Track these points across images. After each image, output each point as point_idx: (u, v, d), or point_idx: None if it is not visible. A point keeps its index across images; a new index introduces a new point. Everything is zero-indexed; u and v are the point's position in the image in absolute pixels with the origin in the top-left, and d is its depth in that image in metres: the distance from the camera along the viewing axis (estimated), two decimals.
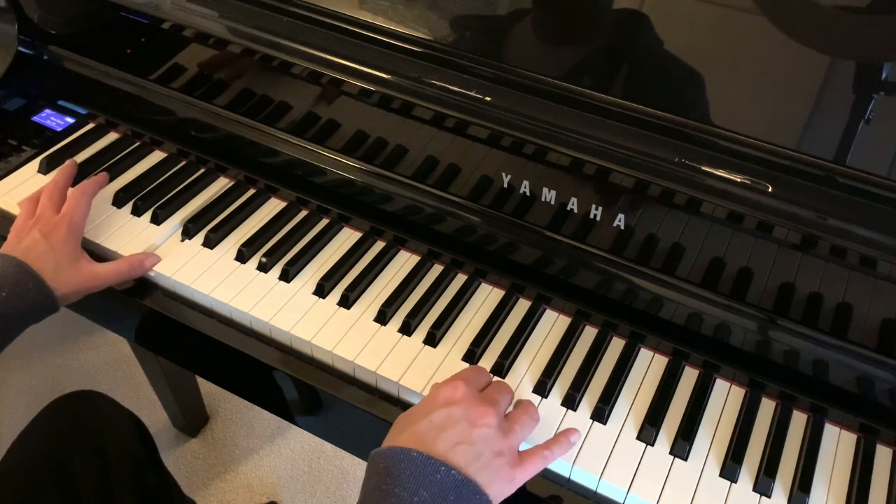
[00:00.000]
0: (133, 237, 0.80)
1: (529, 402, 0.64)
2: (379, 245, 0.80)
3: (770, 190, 0.61)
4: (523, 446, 0.62)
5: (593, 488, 0.63)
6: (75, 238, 0.75)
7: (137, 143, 0.92)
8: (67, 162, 0.84)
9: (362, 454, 0.81)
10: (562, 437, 0.62)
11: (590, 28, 0.67)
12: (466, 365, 0.70)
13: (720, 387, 0.70)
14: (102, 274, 0.74)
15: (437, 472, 0.52)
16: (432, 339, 0.71)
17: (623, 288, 0.72)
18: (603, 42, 0.67)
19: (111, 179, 0.86)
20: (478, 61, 0.70)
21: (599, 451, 0.64)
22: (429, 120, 0.73)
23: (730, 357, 0.70)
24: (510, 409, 0.63)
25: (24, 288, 0.67)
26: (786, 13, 0.60)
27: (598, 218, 0.69)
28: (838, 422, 0.67)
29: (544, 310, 0.75)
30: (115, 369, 1.63)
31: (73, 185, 0.83)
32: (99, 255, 0.80)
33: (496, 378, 0.66)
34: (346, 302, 0.74)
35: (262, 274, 0.77)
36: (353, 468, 1.47)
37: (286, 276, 0.76)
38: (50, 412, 0.86)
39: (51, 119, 0.94)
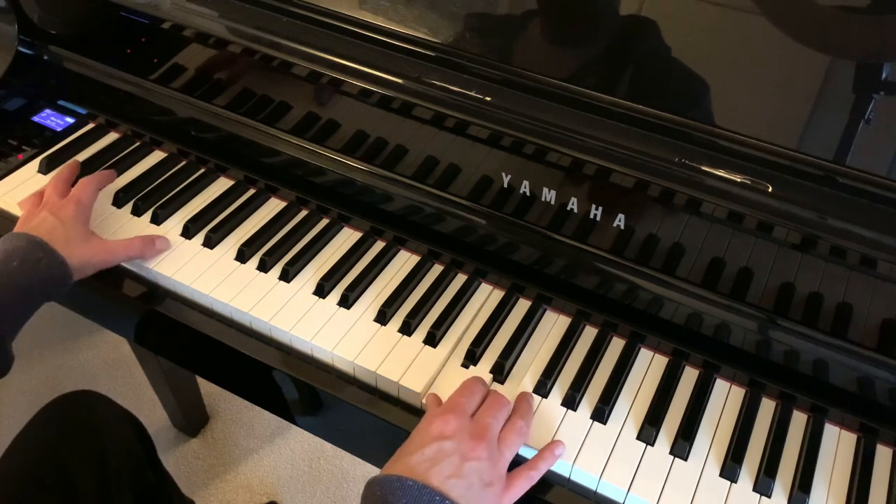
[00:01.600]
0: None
1: (519, 418, 0.63)
2: (379, 245, 0.80)
3: (770, 190, 0.61)
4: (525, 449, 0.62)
5: (593, 488, 0.63)
6: (84, 217, 0.75)
7: (137, 143, 0.92)
8: (71, 160, 0.85)
9: (362, 454, 0.81)
10: (546, 452, 0.63)
11: (590, 28, 0.67)
12: (467, 367, 0.70)
13: (720, 387, 0.70)
14: (114, 248, 0.74)
15: (431, 501, 0.54)
16: (432, 339, 0.71)
17: (623, 288, 0.72)
18: (603, 42, 0.67)
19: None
20: (478, 61, 0.70)
21: (599, 451, 0.64)
22: (429, 120, 0.73)
23: (730, 357, 0.70)
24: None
25: (35, 257, 0.67)
26: (786, 13, 0.60)
27: (598, 218, 0.69)
28: (838, 422, 0.67)
29: (544, 310, 0.75)
30: (115, 369, 1.63)
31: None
32: None
33: (492, 390, 0.65)
34: (346, 302, 0.74)
35: (262, 274, 0.77)
36: (353, 468, 1.47)
37: (286, 276, 0.76)
38: (48, 412, 0.86)
39: (51, 119, 0.94)
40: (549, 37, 0.69)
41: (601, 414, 0.67)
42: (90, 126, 0.94)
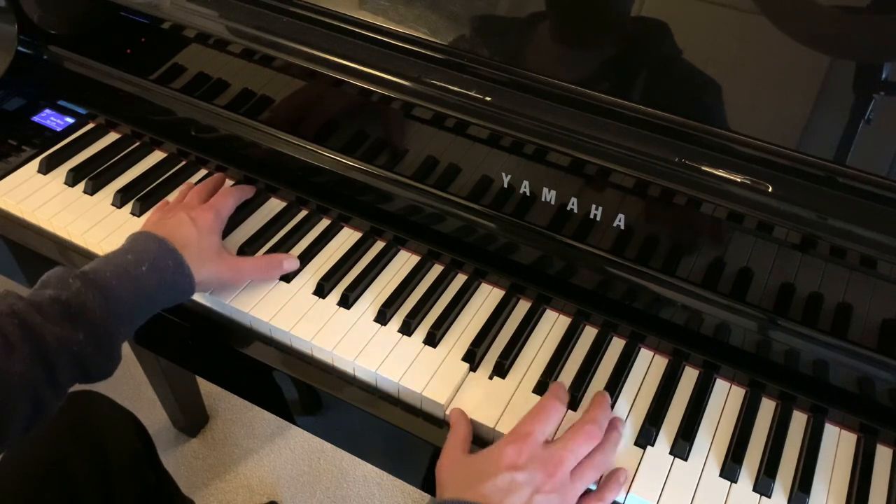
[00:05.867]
0: None
1: (600, 453, 0.62)
2: (379, 245, 0.80)
3: (770, 190, 0.61)
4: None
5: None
6: (219, 229, 0.75)
7: (137, 143, 0.92)
8: (217, 176, 0.85)
9: (362, 454, 0.82)
10: (611, 482, 0.62)
11: (590, 29, 0.67)
12: (466, 366, 0.70)
13: (720, 387, 0.70)
14: (245, 268, 0.74)
15: None
16: (432, 339, 0.71)
17: (623, 288, 0.72)
18: (603, 43, 0.67)
19: (111, 179, 0.86)
20: (478, 61, 0.70)
21: None
22: (429, 120, 0.73)
23: (730, 357, 0.70)
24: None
25: (164, 265, 0.66)
26: (786, 13, 0.60)
27: (598, 218, 0.69)
28: (838, 422, 0.67)
29: (544, 310, 0.75)
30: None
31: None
32: (96, 256, 0.80)
33: (587, 418, 0.63)
34: (346, 302, 0.74)
35: None
36: (353, 468, 1.47)
37: (286, 277, 0.76)
38: None
39: (51, 119, 0.94)
40: (548, 37, 0.69)
41: None
42: (90, 126, 0.94)
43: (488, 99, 0.69)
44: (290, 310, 0.73)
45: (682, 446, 0.65)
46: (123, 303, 0.63)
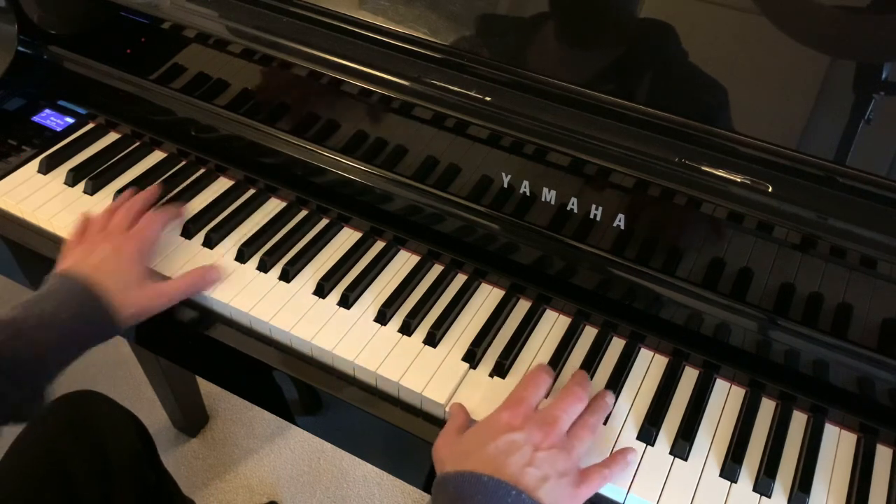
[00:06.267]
0: None
1: (591, 415, 0.63)
2: (379, 245, 0.80)
3: (770, 190, 0.61)
4: None
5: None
6: (146, 257, 0.74)
7: (137, 143, 0.92)
8: (153, 186, 0.83)
9: (362, 454, 0.82)
10: (619, 456, 0.62)
11: (590, 29, 0.67)
12: (466, 366, 0.70)
13: (720, 387, 0.70)
14: (169, 291, 0.72)
15: (507, 495, 0.53)
16: (432, 339, 0.71)
17: (623, 288, 0.72)
18: (603, 43, 0.67)
19: (111, 179, 0.86)
20: (478, 61, 0.70)
21: (599, 451, 0.64)
22: (428, 120, 0.73)
23: (730, 357, 0.70)
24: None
25: (87, 310, 0.67)
26: (786, 13, 0.60)
27: (598, 218, 0.69)
28: (838, 422, 0.67)
29: (544, 310, 0.75)
30: (115, 369, 1.63)
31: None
32: None
33: (572, 383, 0.65)
34: (346, 302, 0.74)
35: (262, 274, 0.77)
36: (353, 468, 1.47)
37: (286, 276, 0.76)
38: (49, 412, 0.86)
39: (51, 119, 0.94)
40: (548, 37, 0.69)
41: None
42: (90, 126, 0.94)
43: (488, 99, 0.69)
44: (290, 309, 0.73)
45: (682, 446, 0.65)
46: (47, 352, 0.64)
